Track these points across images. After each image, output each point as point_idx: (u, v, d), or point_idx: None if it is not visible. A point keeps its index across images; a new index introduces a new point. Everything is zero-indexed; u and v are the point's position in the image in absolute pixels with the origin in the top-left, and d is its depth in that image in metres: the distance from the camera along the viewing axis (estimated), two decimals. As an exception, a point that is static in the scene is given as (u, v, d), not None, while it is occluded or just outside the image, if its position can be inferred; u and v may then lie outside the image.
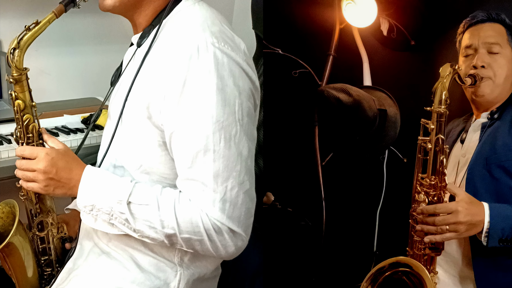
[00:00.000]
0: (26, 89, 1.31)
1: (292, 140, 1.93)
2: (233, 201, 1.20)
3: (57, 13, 1.28)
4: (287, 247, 1.95)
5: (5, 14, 2.14)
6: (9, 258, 1.33)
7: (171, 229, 1.20)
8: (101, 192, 1.24)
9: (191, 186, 1.21)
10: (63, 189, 1.26)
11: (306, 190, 1.94)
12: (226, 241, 1.21)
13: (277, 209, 1.93)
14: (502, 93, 1.52)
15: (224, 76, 1.20)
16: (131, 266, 1.33)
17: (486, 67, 1.50)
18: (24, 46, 1.27)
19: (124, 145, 1.30)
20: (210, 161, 1.19)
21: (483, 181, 1.45)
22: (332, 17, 1.93)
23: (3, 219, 1.37)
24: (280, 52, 1.94)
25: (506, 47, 1.51)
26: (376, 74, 1.96)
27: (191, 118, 1.19)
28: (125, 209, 1.21)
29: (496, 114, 1.51)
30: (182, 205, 1.21)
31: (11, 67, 1.28)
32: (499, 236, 1.37)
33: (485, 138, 1.49)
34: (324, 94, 1.84)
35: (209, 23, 1.25)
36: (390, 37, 1.92)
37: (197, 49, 1.19)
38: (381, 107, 1.85)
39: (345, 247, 1.90)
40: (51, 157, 1.25)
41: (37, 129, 1.32)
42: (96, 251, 1.36)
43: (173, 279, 1.34)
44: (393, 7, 1.88)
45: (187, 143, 1.20)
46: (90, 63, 2.37)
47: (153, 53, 1.27)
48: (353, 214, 1.89)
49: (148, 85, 1.24)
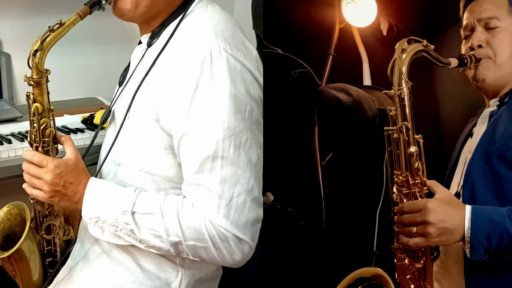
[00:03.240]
0: (45, 92, 1.28)
1: (291, 140, 1.93)
2: (239, 207, 1.19)
3: (82, 15, 1.24)
4: (287, 247, 1.95)
5: (5, 14, 2.14)
6: (17, 262, 1.32)
7: (176, 237, 1.19)
8: (105, 204, 1.23)
9: (195, 191, 1.20)
10: (68, 202, 1.26)
11: (306, 190, 1.93)
12: (232, 248, 1.20)
13: (277, 209, 1.93)
14: (508, 75, 1.30)
15: (237, 82, 1.19)
16: (132, 266, 1.32)
17: (483, 46, 1.30)
18: (47, 47, 1.22)
19: (128, 145, 1.30)
20: (218, 167, 1.18)
21: (482, 176, 1.24)
22: (332, 16, 1.93)
23: (10, 220, 1.35)
24: (280, 52, 1.94)
25: (506, 19, 1.30)
26: (376, 74, 1.96)
27: (202, 123, 1.18)
28: (129, 220, 1.21)
29: (506, 99, 1.29)
30: (185, 212, 1.20)
31: (32, 68, 1.23)
32: (485, 247, 1.12)
33: (488, 127, 1.29)
34: (324, 94, 1.85)
35: (222, 28, 1.25)
36: (390, 36, 1.92)
37: (210, 54, 1.18)
38: (381, 107, 1.85)
39: (345, 247, 1.90)
40: (60, 170, 1.23)
41: (53, 133, 1.29)
42: (97, 250, 1.36)
43: (174, 279, 1.33)
44: (393, 7, 1.88)
45: (196, 148, 1.19)
46: (90, 63, 2.37)
47: (165, 54, 1.26)
48: (353, 214, 1.89)
49: (158, 87, 1.23)
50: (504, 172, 1.21)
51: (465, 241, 1.14)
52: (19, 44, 2.18)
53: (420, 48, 1.23)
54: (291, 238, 1.95)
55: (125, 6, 1.27)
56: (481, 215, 1.14)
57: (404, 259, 1.25)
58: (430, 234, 1.14)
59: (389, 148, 1.26)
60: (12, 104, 2.13)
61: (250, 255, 1.24)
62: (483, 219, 1.13)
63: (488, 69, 1.30)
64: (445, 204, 1.16)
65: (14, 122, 1.96)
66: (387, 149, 1.27)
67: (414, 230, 1.16)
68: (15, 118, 1.98)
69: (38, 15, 2.17)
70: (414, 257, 1.24)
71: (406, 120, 1.23)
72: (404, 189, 1.23)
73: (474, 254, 1.14)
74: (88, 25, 2.25)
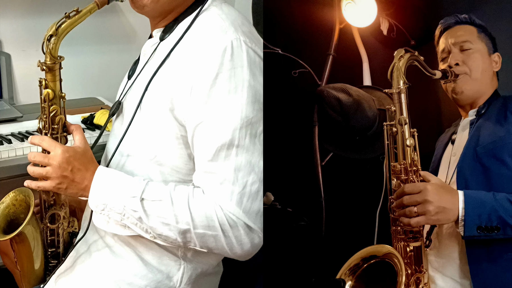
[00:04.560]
0: (58, 79, 1.28)
1: (291, 140, 1.93)
2: (253, 195, 1.19)
3: (99, 4, 1.25)
4: (287, 247, 1.95)
5: (5, 14, 2.14)
6: (19, 247, 1.31)
7: (186, 224, 1.19)
8: (114, 190, 1.22)
9: (209, 179, 1.20)
10: (76, 189, 1.25)
11: (306, 190, 1.93)
12: (241, 237, 1.19)
13: (277, 209, 1.92)
14: (483, 88, 1.52)
15: (256, 74, 1.22)
16: (133, 259, 1.33)
17: (460, 64, 1.51)
18: (62, 33, 1.23)
19: (138, 135, 1.30)
20: (233, 155, 1.19)
21: (474, 173, 1.41)
22: (332, 17, 1.93)
23: (15, 206, 1.34)
24: (280, 52, 1.94)
25: (477, 43, 1.53)
26: (376, 74, 1.96)
27: (220, 111, 1.19)
28: (138, 207, 1.20)
29: (484, 109, 1.49)
30: (196, 199, 1.20)
31: (45, 53, 1.23)
32: (476, 224, 1.30)
33: (473, 132, 1.48)
34: (324, 94, 1.84)
35: (239, 23, 1.28)
36: (390, 37, 1.92)
37: (231, 45, 1.21)
38: (381, 107, 1.85)
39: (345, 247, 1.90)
40: (68, 155, 1.23)
41: (63, 121, 1.29)
42: (99, 243, 1.37)
43: (176, 272, 1.33)
44: (393, 7, 1.88)
45: (212, 135, 1.19)
46: (90, 63, 2.37)
47: (182, 46, 1.27)
48: (353, 214, 1.89)
49: (174, 77, 1.24)
50: (493, 166, 1.38)
51: (459, 220, 1.30)
52: (19, 44, 2.18)
53: (413, 57, 1.45)
54: (291, 238, 1.95)
55: None
56: (472, 198, 1.32)
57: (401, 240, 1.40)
58: (430, 211, 1.30)
59: (387, 142, 1.43)
60: (12, 104, 2.13)
61: (259, 246, 1.23)
62: (474, 201, 1.31)
63: (465, 83, 1.50)
64: (441, 188, 1.33)
65: (14, 122, 1.96)
66: (385, 142, 1.44)
67: (415, 210, 1.31)
68: (15, 118, 1.98)
69: (38, 15, 2.17)
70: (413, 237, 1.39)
71: (403, 115, 1.41)
72: (402, 176, 1.39)
73: (467, 231, 1.30)
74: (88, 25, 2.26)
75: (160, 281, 1.33)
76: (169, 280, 1.33)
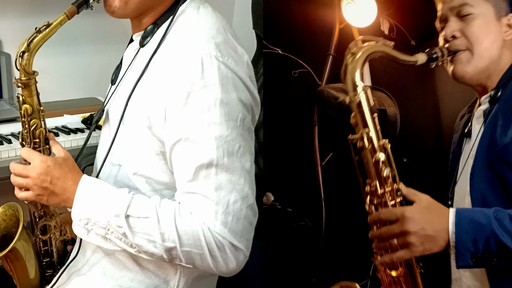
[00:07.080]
0: (35, 93, 1.27)
1: (291, 140, 1.93)
2: (236, 214, 1.18)
3: (69, 15, 1.23)
4: (287, 247, 1.95)
5: (5, 14, 2.14)
6: (13, 262, 1.32)
7: (172, 242, 1.18)
8: (98, 205, 1.20)
9: (192, 199, 1.19)
10: (57, 199, 1.23)
11: (306, 190, 1.93)
12: (227, 256, 1.18)
13: (277, 209, 1.93)
14: (492, 66, 1.18)
15: (229, 90, 1.18)
16: (130, 264, 1.32)
17: (458, 36, 1.20)
18: (34, 49, 1.22)
19: (123, 147, 1.29)
20: (212, 174, 1.17)
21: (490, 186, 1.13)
22: (332, 17, 1.93)
23: (6, 221, 1.35)
24: (280, 52, 1.94)
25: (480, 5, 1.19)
26: (376, 74, 1.96)
27: (195, 131, 1.17)
28: (123, 223, 1.18)
29: (497, 95, 1.17)
30: (183, 218, 1.18)
31: (20, 70, 1.23)
32: (471, 251, 1.03)
33: (485, 129, 1.18)
34: (324, 94, 1.85)
35: (214, 33, 1.24)
36: (390, 37, 1.92)
37: (201, 62, 1.17)
38: (381, 107, 1.85)
39: (345, 247, 1.90)
40: (46, 165, 1.21)
41: (44, 134, 1.29)
42: (97, 251, 1.36)
43: (173, 277, 1.33)
44: (393, 7, 1.88)
45: (189, 156, 1.18)
46: (90, 63, 2.37)
47: (158, 58, 1.25)
48: (353, 214, 1.89)
49: (150, 94, 1.22)
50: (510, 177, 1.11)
51: (450, 246, 1.05)
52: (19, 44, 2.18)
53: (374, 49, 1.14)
54: (291, 238, 1.95)
55: (114, 4, 1.26)
56: (465, 218, 1.06)
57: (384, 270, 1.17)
58: (413, 244, 1.07)
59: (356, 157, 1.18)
60: (12, 104, 2.13)
61: (244, 263, 1.22)
62: (467, 222, 1.05)
63: (466, 63, 1.19)
64: (424, 210, 1.08)
65: (14, 122, 1.96)
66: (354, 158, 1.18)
67: (396, 242, 1.08)
68: (15, 118, 1.98)
69: (38, 15, 2.17)
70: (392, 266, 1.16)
71: (366, 127, 1.13)
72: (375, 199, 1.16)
73: (460, 260, 1.05)
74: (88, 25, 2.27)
75: (157, 285, 1.32)
76: (166, 284, 1.33)
